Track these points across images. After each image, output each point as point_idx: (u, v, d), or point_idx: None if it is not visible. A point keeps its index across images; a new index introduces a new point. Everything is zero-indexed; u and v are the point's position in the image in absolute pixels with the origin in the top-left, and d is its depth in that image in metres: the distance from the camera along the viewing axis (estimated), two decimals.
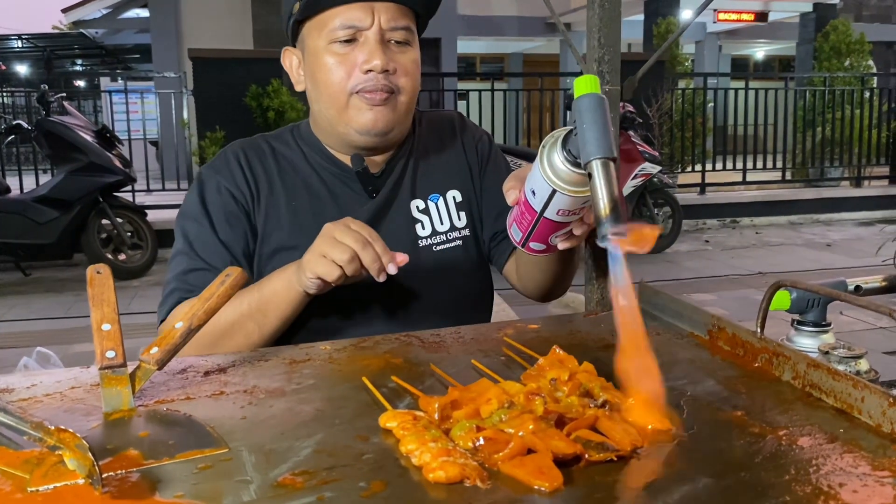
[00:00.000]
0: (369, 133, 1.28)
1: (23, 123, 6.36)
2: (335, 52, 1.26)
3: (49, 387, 0.95)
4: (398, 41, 1.27)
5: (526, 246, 1.04)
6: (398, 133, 1.33)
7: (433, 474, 0.69)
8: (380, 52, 1.24)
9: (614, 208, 0.81)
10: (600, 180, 0.82)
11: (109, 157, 6.16)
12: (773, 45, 18.87)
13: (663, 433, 0.78)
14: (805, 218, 9.20)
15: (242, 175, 1.32)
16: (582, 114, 0.85)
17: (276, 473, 0.71)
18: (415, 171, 1.38)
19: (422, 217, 1.36)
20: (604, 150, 0.83)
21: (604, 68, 1.34)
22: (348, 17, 1.24)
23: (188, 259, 1.29)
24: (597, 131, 0.83)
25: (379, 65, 1.24)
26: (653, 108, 8.64)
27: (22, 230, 5.96)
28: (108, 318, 0.93)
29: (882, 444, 0.75)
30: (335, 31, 1.25)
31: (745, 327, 0.99)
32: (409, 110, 1.32)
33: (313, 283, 1.12)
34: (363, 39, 1.25)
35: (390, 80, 1.26)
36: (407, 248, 1.32)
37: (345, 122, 1.29)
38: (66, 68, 19.84)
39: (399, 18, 1.27)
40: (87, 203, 6.05)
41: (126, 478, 0.71)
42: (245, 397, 0.91)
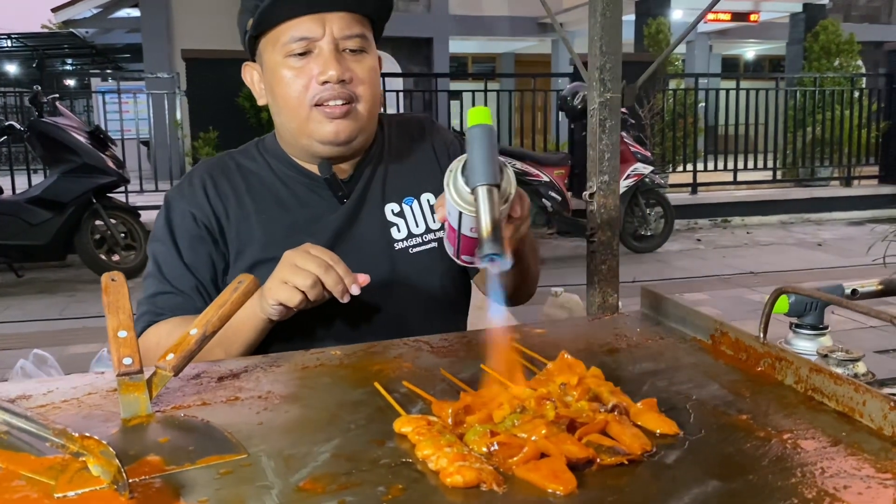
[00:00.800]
0: (332, 144, 1.30)
1: (15, 124, 6.33)
2: (291, 65, 1.27)
3: (66, 393, 0.96)
4: (353, 49, 1.28)
5: (460, 258, 1.10)
6: (362, 140, 1.35)
7: (450, 479, 0.71)
8: (334, 62, 1.25)
9: (493, 230, 0.89)
10: (483, 205, 0.91)
11: (103, 157, 6.14)
12: (764, 45, 18.96)
13: (671, 437, 0.80)
14: (796, 217, 9.27)
15: (206, 197, 1.34)
16: (471, 142, 0.94)
17: (296, 478, 0.73)
18: (385, 175, 1.40)
19: (397, 220, 1.37)
20: (487, 177, 0.91)
21: (605, 76, 1.36)
22: (300, 30, 1.25)
23: (157, 282, 1.32)
24: (482, 160, 0.92)
25: (334, 75, 1.25)
26: (644, 109, 8.68)
27: (15, 231, 5.94)
28: (125, 325, 0.94)
29: (884, 446, 0.77)
30: (289, 45, 1.26)
31: (748, 332, 1.02)
32: (371, 117, 1.33)
33: (275, 310, 1.14)
34: (317, 51, 1.26)
35: (348, 90, 1.27)
36: (382, 251, 1.34)
37: (307, 135, 1.30)
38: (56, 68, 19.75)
39: (352, 26, 1.27)
40: (81, 204, 6.04)
41: (150, 483, 0.73)
42: (260, 403, 0.93)
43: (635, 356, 1.06)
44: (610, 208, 1.38)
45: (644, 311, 1.23)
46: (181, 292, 1.30)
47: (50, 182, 6.15)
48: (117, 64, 19.44)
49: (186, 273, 1.31)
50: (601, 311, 1.40)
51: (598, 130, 1.37)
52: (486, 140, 0.93)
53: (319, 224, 1.33)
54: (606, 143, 1.37)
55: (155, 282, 1.32)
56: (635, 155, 7.03)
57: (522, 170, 6.47)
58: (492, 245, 0.89)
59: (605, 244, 1.38)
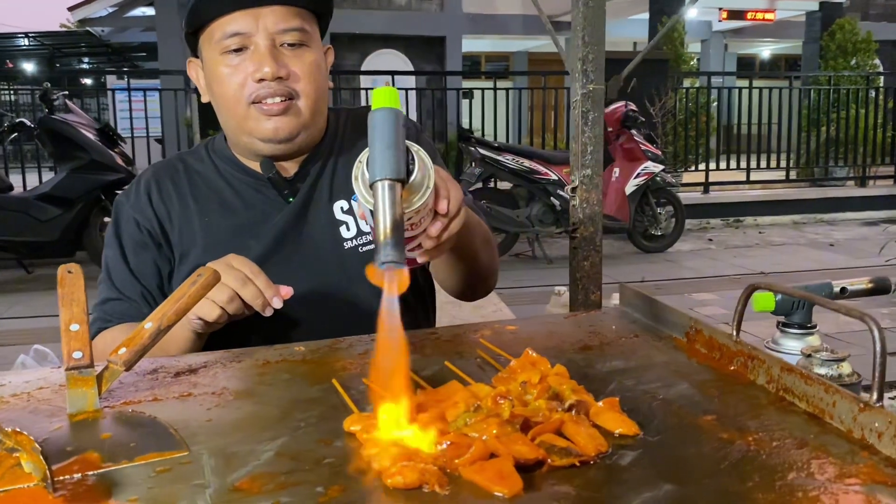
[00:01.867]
0: (272, 141, 1.26)
1: (26, 121, 6.36)
2: (227, 62, 1.24)
3: (17, 387, 0.94)
4: (291, 43, 1.24)
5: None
6: (306, 137, 1.30)
7: (391, 479, 0.68)
8: (269, 59, 1.21)
9: (394, 232, 0.79)
10: (382, 203, 0.80)
11: (111, 155, 6.16)
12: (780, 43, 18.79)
13: (630, 438, 0.77)
14: (809, 217, 9.16)
15: (149, 202, 1.32)
16: (373, 130, 0.83)
17: (234, 477, 0.71)
18: (334, 172, 1.35)
19: (346, 218, 1.33)
20: (388, 170, 0.81)
21: (588, 67, 1.32)
22: (233, 26, 1.22)
23: (107, 288, 1.31)
24: (384, 150, 0.81)
25: (269, 72, 1.21)
26: (656, 107, 8.61)
27: (24, 228, 5.96)
28: (77, 318, 0.92)
29: (852, 449, 0.73)
30: (223, 42, 1.23)
31: (722, 330, 0.98)
32: (314, 113, 1.29)
33: (197, 324, 1.11)
34: (253, 47, 1.22)
35: (286, 86, 1.23)
36: (330, 251, 1.30)
37: (247, 133, 1.27)
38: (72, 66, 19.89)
39: (288, 20, 1.23)
40: (89, 201, 6.06)
41: (82, 481, 0.71)
42: (213, 399, 0.90)
43: (606, 354, 1.02)
44: (592, 203, 1.34)
45: (622, 309, 1.20)
46: (128, 298, 1.28)
47: (59, 179, 6.18)
48: (133, 62, 19.56)
49: (132, 279, 1.30)
50: (583, 308, 1.36)
51: (580, 123, 1.34)
52: (390, 126, 0.83)
53: (265, 225, 1.30)
54: (589, 136, 1.34)
55: (105, 288, 1.31)
56: (646, 153, 6.97)
57: (530, 168, 6.42)
58: (390, 251, 0.78)
59: (588, 240, 1.35)
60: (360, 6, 13.11)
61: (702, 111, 9.58)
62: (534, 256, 6.79)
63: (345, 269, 1.30)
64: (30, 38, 18.20)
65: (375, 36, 13.00)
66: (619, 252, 7.23)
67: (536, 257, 6.75)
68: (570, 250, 1.36)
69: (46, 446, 0.77)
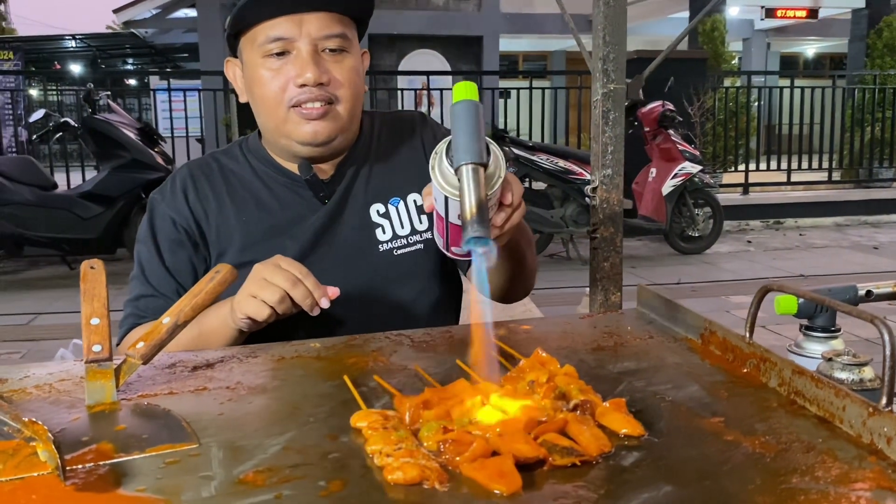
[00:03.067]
0: (310, 144, 1.28)
1: (70, 121, 6.51)
2: (268, 66, 1.25)
3: (40, 378, 0.97)
4: (332, 49, 1.25)
5: (450, 251, 1.05)
6: (343, 140, 1.32)
7: (392, 475, 0.69)
8: (312, 65, 1.23)
9: (479, 211, 0.83)
10: (467, 185, 0.85)
11: (152, 154, 6.28)
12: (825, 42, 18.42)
13: (635, 439, 0.77)
14: (852, 219, 8.96)
15: (185, 201, 1.33)
16: (456, 120, 0.88)
17: (239, 470, 0.72)
18: (370, 176, 1.37)
19: (382, 221, 1.34)
20: (472, 155, 0.86)
21: (609, 66, 1.32)
22: (276, 31, 1.23)
23: (140, 285, 1.32)
24: (467, 138, 0.86)
25: (311, 78, 1.22)
26: (694, 107, 8.50)
27: (68, 225, 6.11)
28: (98, 312, 0.94)
29: (860, 454, 0.72)
30: (266, 46, 1.24)
31: (735, 332, 0.97)
32: (351, 117, 1.30)
33: (244, 323, 1.13)
34: (295, 52, 1.24)
35: (326, 91, 1.25)
36: (365, 253, 1.32)
37: (285, 135, 1.28)
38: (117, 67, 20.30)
39: (331, 26, 1.24)
40: (130, 199, 6.18)
41: (94, 470, 0.73)
42: (227, 393, 0.92)
43: (619, 355, 1.02)
44: (613, 203, 1.34)
45: (639, 310, 1.19)
46: (162, 295, 1.30)
47: (101, 177, 6.32)
48: (176, 63, 19.90)
49: (167, 277, 1.31)
50: (603, 309, 1.35)
51: (601, 123, 1.33)
52: (472, 117, 0.87)
53: (300, 226, 1.31)
54: (610, 136, 1.33)
55: (138, 284, 1.33)
56: (683, 154, 6.88)
57: (565, 168, 6.38)
58: (476, 227, 0.83)
59: (608, 241, 1.34)
60: (398, 7, 13.17)
61: (742, 111, 9.42)
62: (568, 257, 6.76)
63: (378, 270, 1.32)
64: (76, 39, 18.63)
65: (413, 36, 13.05)
66: (655, 253, 7.16)
67: (570, 258, 6.71)
68: (590, 251, 1.35)
69: (63, 436, 0.80)
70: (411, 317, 1.31)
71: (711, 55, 10.23)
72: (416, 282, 1.34)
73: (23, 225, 5.98)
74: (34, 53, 17.98)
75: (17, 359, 4.25)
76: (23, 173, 6.18)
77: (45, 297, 5.64)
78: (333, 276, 1.24)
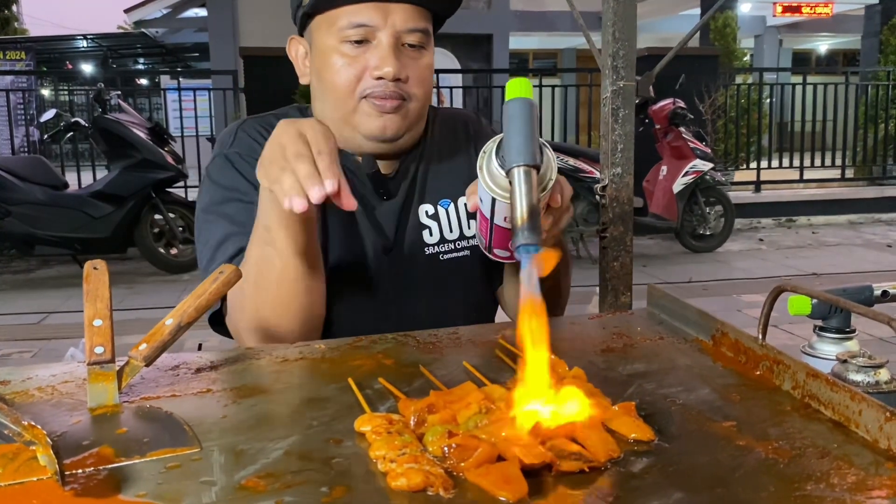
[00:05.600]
0: (377, 139, 1.23)
1: (81, 121, 6.54)
2: (345, 52, 1.19)
3: (43, 380, 0.96)
4: (413, 44, 1.20)
5: (492, 252, 1.02)
6: (409, 139, 1.27)
7: (395, 482, 0.68)
8: (392, 58, 1.17)
9: (531, 216, 0.80)
10: (519, 188, 0.81)
11: (162, 153, 6.29)
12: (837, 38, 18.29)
13: (645, 444, 0.75)
14: (865, 217, 8.89)
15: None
16: (509, 119, 0.84)
17: (241, 475, 0.71)
18: (425, 175, 1.32)
19: (430, 223, 1.30)
20: (525, 157, 0.82)
21: (619, 63, 1.30)
22: (361, 17, 1.17)
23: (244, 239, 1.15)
24: (521, 138, 0.83)
25: (391, 72, 1.17)
26: (705, 104, 8.44)
27: (78, 224, 6.13)
28: (101, 314, 0.93)
29: (876, 460, 0.70)
30: (346, 31, 1.18)
31: (748, 333, 0.95)
32: (420, 116, 1.26)
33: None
34: (376, 42, 1.18)
35: (402, 88, 1.20)
36: (411, 253, 1.28)
37: (352, 126, 1.22)
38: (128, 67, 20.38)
39: (416, 20, 1.20)
40: (140, 198, 6.21)
41: (94, 475, 0.71)
42: (230, 396, 0.91)
43: (628, 356, 1.00)
44: (623, 202, 1.32)
45: (650, 310, 1.17)
46: None
47: (111, 177, 6.34)
48: (186, 63, 19.96)
49: None
50: (612, 309, 1.34)
51: (610, 120, 1.31)
52: (526, 116, 0.84)
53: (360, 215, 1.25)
54: (619, 134, 1.31)
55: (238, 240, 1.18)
56: (694, 151, 6.84)
57: (575, 166, 6.35)
58: (528, 234, 0.79)
59: (618, 240, 1.32)
60: None
61: (754, 108, 9.36)
62: (578, 256, 6.73)
63: (421, 273, 1.28)
64: (88, 39, 18.72)
65: None
66: (666, 252, 7.12)
67: (581, 257, 6.68)
68: (599, 250, 1.33)
69: (64, 440, 0.79)
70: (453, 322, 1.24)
71: (723, 52, 10.17)
72: (456, 288, 1.30)
73: (34, 224, 6.01)
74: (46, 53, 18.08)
75: (28, 357, 4.27)
76: (34, 173, 6.21)
77: (57, 295, 5.67)
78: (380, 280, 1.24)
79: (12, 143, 8.58)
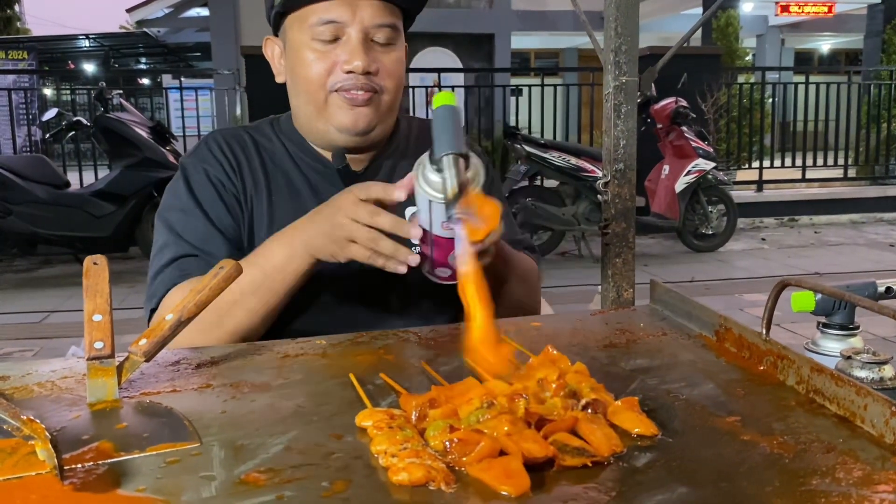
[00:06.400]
0: (349, 132, 1.26)
1: (83, 120, 6.53)
2: (315, 48, 1.23)
3: (43, 376, 0.96)
4: (381, 41, 1.24)
5: (434, 273, 1.07)
6: (380, 132, 1.30)
7: (396, 476, 0.67)
8: (361, 52, 1.21)
9: (461, 191, 0.90)
10: (450, 170, 0.91)
11: (164, 152, 6.29)
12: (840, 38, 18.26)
13: (648, 439, 0.75)
14: (868, 217, 8.87)
15: (229, 164, 1.29)
16: (436, 121, 0.96)
17: (241, 470, 0.70)
18: (398, 173, 1.32)
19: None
20: (452, 147, 0.93)
21: (621, 58, 1.29)
22: (330, 14, 1.21)
23: (175, 247, 1.24)
24: (447, 134, 0.94)
25: (360, 66, 1.21)
26: (707, 103, 8.43)
27: (80, 223, 6.13)
28: (101, 309, 0.93)
29: (882, 455, 0.70)
30: (316, 28, 1.22)
31: (751, 329, 0.94)
32: (391, 109, 1.29)
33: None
34: (345, 38, 1.22)
35: (372, 81, 1.23)
36: None
37: (324, 120, 1.26)
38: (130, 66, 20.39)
39: (384, 16, 1.23)
40: (142, 197, 6.20)
41: (93, 470, 0.71)
42: (230, 391, 0.90)
43: (631, 352, 0.99)
44: (625, 198, 1.31)
45: (652, 306, 1.16)
46: (205, 253, 1.22)
47: (113, 176, 6.34)
48: (188, 62, 19.96)
49: (212, 230, 1.24)
50: (615, 306, 1.33)
51: (613, 116, 1.31)
52: (451, 118, 0.95)
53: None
54: (622, 130, 1.31)
55: (172, 249, 1.24)
56: (696, 150, 6.83)
57: (577, 165, 6.35)
58: (459, 205, 0.89)
59: (620, 236, 1.32)
60: None
61: (756, 107, 9.34)
62: (580, 255, 6.72)
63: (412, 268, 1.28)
64: (90, 39, 18.73)
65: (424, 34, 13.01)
66: (668, 251, 7.11)
67: (583, 256, 6.68)
68: (602, 247, 1.33)
69: (63, 435, 0.78)
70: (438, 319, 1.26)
71: (725, 51, 10.15)
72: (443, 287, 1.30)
73: (36, 223, 6.00)
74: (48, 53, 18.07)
75: (30, 356, 4.27)
76: (36, 172, 6.20)
77: (58, 294, 5.66)
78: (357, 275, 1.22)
79: (14, 143, 8.57)
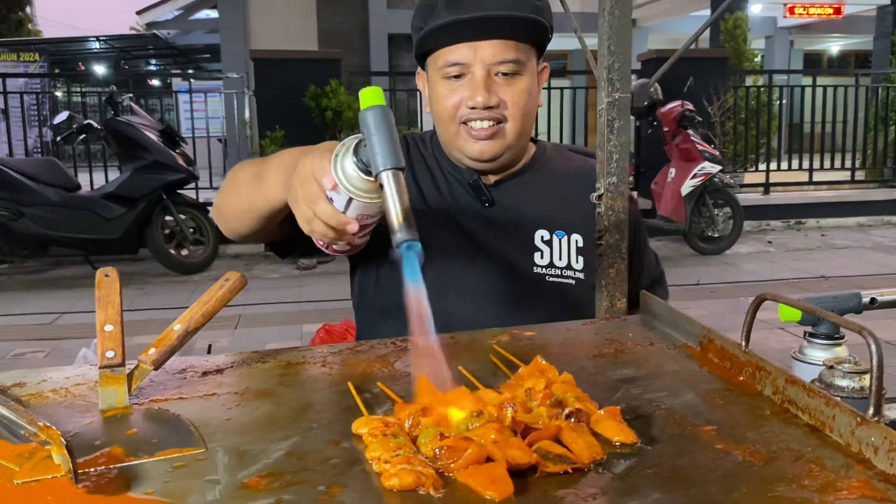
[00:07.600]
0: (477, 161, 1.39)
1: (93, 123, 6.61)
2: (446, 86, 1.37)
3: (57, 383, 1.01)
4: (505, 73, 1.34)
5: (330, 247, 1.10)
6: (510, 157, 1.42)
7: (388, 481, 0.72)
8: (482, 89, 1.33)
9: (406, 217, 0.87)
10: (391, 190, 0.87)
11: (173, 155, 6.36)
12: (849, 39, 18.21)
13: (628, 447, 0.79)
14: (875, 220, 8.86)
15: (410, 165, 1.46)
16: (368, 126, 0.89)
17: (243, 475, 0.75)
18: (542, 200, 1.44)
19: (543, 247, 1.41)
20: (392, 161, 0.88)
21: (614, 75, 1.33)
22: (454, 56, 1.34)
23: None
24: (384, 144, 0.88)
25: (481, 102, 1.33)
26: (714, 106, 8.44)
27: (91, 226, 6.21)
28: (112, 319, 0.98)
29: (847, 463, 0.74)
30: (444, 69, 1.36)
31: (732, 340, 0.98)
32: (519, 135, 1.39)
33: None
34: (470, 76, 1.35)
35: (495, 113, 1.35)
36: (520, 269, 1.39)
37: (457, 148, 1.41)
38: (140, 68, 20.51)
39: (505, 53, 1.34)
40: (152, 200, 6.27)
41: (105, 474, 0.76)
42: (234, 398, 0.95)
43: (618, 362, 1.03)
44: (618, 210, 1.35)
45: (643, 317, 1.21)
46: None
47: (123, 178, 6.41)
48: (198, 64, 20.07)
49: None
50: (608, 315, 1.37)
51: (605, 131, 1.35)
52: (385, 123, 0.89)
53: (459, 220, 1.40)
54: (615, 144, 1.35)
55: None
56: (703, 154, 6.86)
57: None
58: (406, 231, 0.86)
59: (613, 247, 1.36)
60: None
61: (764, 110, 9.35)
62: None
63: (525, 287, 1.39)
64: (100, 41, 18.86)
65: None
66: (674, 254, 7.13)
67: None
68: (595, 257, 1.37)
69: (77, 440, 0.83)
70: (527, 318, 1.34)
71: (733, 53, 10.15)
72: (554, 309, 1.37)
73: (47, 225, 6.08)
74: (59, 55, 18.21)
75: (41, 357, 4.34)
76: (47, 174, 6.28)
77: (69, 296, 5.74)
78: (478, 279, 1.36)
79: (26, 145, 8.66)
